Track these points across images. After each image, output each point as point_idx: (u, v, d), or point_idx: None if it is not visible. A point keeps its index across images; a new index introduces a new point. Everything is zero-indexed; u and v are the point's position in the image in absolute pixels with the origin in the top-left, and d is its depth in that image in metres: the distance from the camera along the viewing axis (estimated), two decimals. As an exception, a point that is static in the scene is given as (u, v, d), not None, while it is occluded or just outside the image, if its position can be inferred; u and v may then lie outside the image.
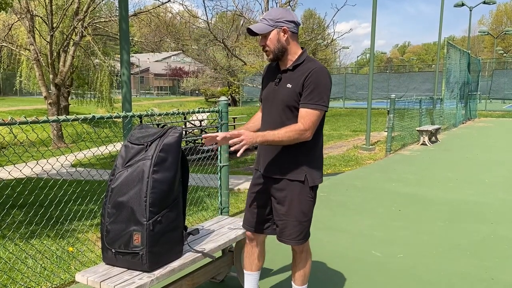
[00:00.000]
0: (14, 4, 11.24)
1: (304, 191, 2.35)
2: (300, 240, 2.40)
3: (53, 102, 14.41)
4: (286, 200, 2.36)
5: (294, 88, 2.26)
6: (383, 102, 24.23)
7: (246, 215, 2.57)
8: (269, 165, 2.39)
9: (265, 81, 2.47)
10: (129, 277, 2.19)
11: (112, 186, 2.29)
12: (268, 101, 2.39)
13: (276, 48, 2.28)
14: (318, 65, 2.26)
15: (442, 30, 16.13)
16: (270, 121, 2.36)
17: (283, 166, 2.35)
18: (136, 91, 42.09)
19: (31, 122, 2.45)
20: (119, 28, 4.13)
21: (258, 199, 2.49)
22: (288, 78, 2.30)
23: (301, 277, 2.53)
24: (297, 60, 2.30)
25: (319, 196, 2.46)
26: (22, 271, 3.38)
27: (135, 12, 16.20)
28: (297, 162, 2.33)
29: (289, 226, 2.37)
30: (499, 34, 52.82)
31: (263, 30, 2.25)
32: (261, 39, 2.30)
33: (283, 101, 2.29)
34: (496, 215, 4.87)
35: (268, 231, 2.52)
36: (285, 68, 2.33)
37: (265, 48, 2.30)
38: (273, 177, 2.39)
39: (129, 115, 3.18)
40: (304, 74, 2.24)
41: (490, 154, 9.36)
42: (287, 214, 2.37)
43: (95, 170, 6.40)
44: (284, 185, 2.36)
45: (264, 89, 2.45)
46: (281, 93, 2.31)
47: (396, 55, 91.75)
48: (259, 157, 2.47)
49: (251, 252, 2.64)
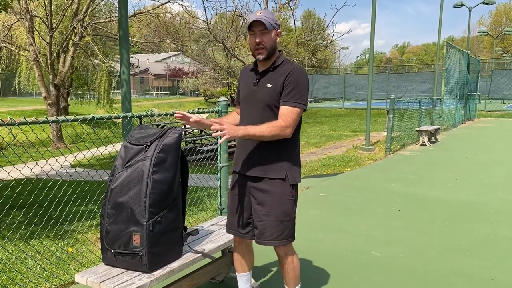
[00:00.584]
0: (14, 5, 11.24)
1: (285, 190, 2.36)
2: (281, 240, 2.37)
3: (52, 102, 14.42)
4: (267, 200, 2.35)
5: (274, 88, 2.30)
6: (382, 103, 24.23)
7: (229, 219, 2.56)
8: (249, 164, 2.39)
9: (242, 84, 2.51)
10: (128, 277, 2.19)
11: (111, 186, 2.29)
12: (247, 102, 2.41)
13: (271, 47, 2.31)
14: (297, 66, 2.35)
15: (441, 30, 16.15)
16: (249, 121, 2.36)
17: (263, 164, 2.35)
18: (136, 92, 42.08)
19: (30, 123, 2.45)
20: (119, 27, 4.13)
21: (239, 202, 2.47)
22: (268, 79, 2.34)
23: (292, 279, 2.51)
24: (276, 62, 2.36)
25: (319, 196, 2.46)
26: (22, 271, 3.37)
27: (134, 13, 16.20)
28: (277, 161, 2.35)
29: (269, 227, 2.35)
30: (499, 34, 52.87)
31: (269, 27, 2.27)
32: (259, 35, 2.28)
33: (263, 100, 2.32)
34: (496, 215, 4.87)
35: (249, 235, 2.50)
36: (264, 69, 2.37)
37: (260, 45, 2.29)
38: (253, 176, 2.38)
39: (129, 116, 3.18)
40: (284, 74, 2.30)
41: (490, 154, 9.36)
42: (268, 214, 2.35)
43: (94, 171, 6.40)
44: (265, 184, 2.36)
45: (241, 91, 2.49)
46: (260, 93, 2.34)
47: (395, 55, 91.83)
48: (238, 158, 2.47)
49: (241, 255, 2.65)
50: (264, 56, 2.31)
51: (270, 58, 2.34)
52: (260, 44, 2.29)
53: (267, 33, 2.29)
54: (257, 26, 2.27)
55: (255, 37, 2.29)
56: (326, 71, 44.19)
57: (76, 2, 14.15)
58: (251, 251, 2.69)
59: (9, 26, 15.55)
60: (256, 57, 2.34)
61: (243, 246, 2.64)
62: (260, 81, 2.36)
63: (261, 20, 2.24)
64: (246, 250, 2.65)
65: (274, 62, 2.36)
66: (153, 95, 46.26)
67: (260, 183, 2.37)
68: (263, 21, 2.24)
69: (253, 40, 2.31)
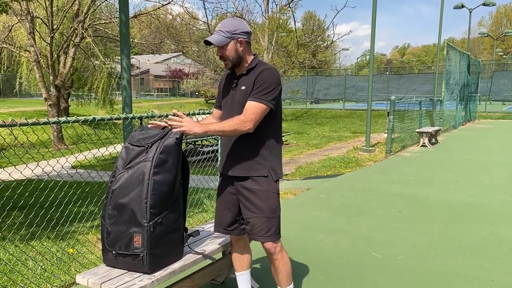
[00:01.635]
0: (15, 6, 11.25)
1: (269, 187, 2.44)
2: (269, 237, 2.44)
3: (53, 103, 14.43)
4: (253, 198, 2.43)
5: (247, 89, 2.40)
6: (383, 104, 24.22)
7: (216, 219, 2.65)
8: (232, 164, 2.47)
9: (223, 88, 2.59)
10: (129, 278, 2.19)
11: (112, 187, 2.29)
12: (227, 105, 2.51)
13: (233, 58, 2.41)
14: (268, 66, 2.44)
15: (441, 31, 16.14)
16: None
17: (246, 163, 2.43)
18: (136, 93, 42.09)
19: (31, 124, 2.46)
20: (119, 33, 4.13)
21: (226, 201, 2.56)
22: (243, 81, 2.44)
23: (284, 277, 2.55)
24: (250, 65, 2.45)
25: (319, 197, 2.46)
26: (22, 272, 3.38)
27: (135, 14, 16.20)
28: (259, 159, 2.43)
29: (258, 223, 2.43)
30: (499, 35, 52.88)
31: (221, 42, 2.37)
32: (219, 50, 2.40)
33: (240, 102, 2.41)
34: (496, 216, 4.87)
35: (236, 231, 2.59)
36: (240, 74, 2.47)
37: (223, 58, 2.41)
38: (238, 176, 2.46)
39: (129, 117, 3.18)
40: (254, 75, 2.40)
41: (490, 155, 9.36)
42: (255, 211, 2.43)
43: (95, 172, 6.41)
44: (250, 182, 2.44)
45: (222, 95, 2.57)
46: (237, 95, 2.44)
47: (395, 56, 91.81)
48: (221, 159, 2.56)
49: (239, 253, 2.72)
50: (229, 66, 2.45)
51: (239, 65, 2.45)
52: (222, 57, 2.42)
53: (223, 47, 2.39)
54: (211, 44, 2.38)
55: (217, 51, 2.43)
56: (327, 72, 44.22)
57: (77, 3, 14.17)
58: (248, 249, 2.75)
59: (10, 27, 15.57)
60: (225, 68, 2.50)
61: (240, 244, 2.71)
62: (238, 84, 2.47)
63: (208, 41, 2.37)
64: (243, 248, 2.72)
65: (249, 64, 2.46)
66: (154, 96, 46.27)
67: (245, 182, 2.45)
68: (210, 41, 2.36)
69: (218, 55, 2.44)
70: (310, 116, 24.65)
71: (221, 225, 2.61)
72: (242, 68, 2.47)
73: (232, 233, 2.61)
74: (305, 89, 31.74)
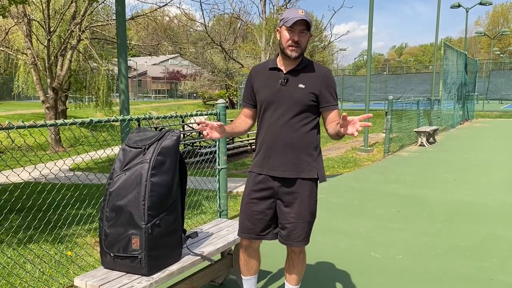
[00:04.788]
0: (11, 9, 11.23)
1: (313, 191, 2.39)
2: (306, 241, 2.40)
3: (50, 106, 14.39)
4: (296, 202, 2.34)
5: (308, 88, 2.30)
6: (380, 104, 24.26)
7: (245, 223, 2.45)
8: (283, 165, 2.33)
9: (259, 83, 2.41)
10: (128, 281, 2.18)
11: (110, 189, 2.28)
12: (275, 102, 2.33)
13: (304, 48, 2.30)
14: (324, 66, 2.42)
15: (439, 31, 16.20)
16: (282, 122, 2.33)
17: (297, 164, 2.32)
18: (134, 95, 42.08)
19: (28, 127, 2.45)
20: (117, 36, 4.12)
21: (260, 205, 2.40)
22: (299, 79, 2.32)
23: (298, 277, 2.55)
24: (303, 61, 2.34)
25: (318, 198, 2.46)
26: (21, 276, 3.37)
27: (132, 16, 16.19)
28: (310, 160, 2.35)
29: (298, 228, 2.35)
30: (496, 35, 53.03)
31: (310, 29, 2.27)
32: (298, 34, 2.24)
33: (297, 101, 2.29)
34: (495, 216, 4.87)
35: (269, 236, 2.45)
36: (291, 69, 2.33)
37: (297, 44, 2.25)
38: (285, 178, 2.33)
39: (127, 119, 3.18)
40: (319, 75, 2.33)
41: (488, 154, 9.38)
42: (297, 216, 2.34)
43: (93, 174, 6.39)
44: (296, 185, 2.33)
45: (262, 92, 2.38)
46: (294, 93, 2.30)
47: (393, 56, 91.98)
48: (268, 158, 2.36)
49: (248, 259, 2.58)
50: (297, 55, 2.27)
51: (297, 59, 2.32)
52: (298, 43, 2.25)
53: (305, 34, 2.26)
54: (299, 25, 2.22)
55: (294, 35, 2.24)
56: (324, 72, 44.15)
57: (74, 5, 14.14)
58: (258, 254, 2.63)
59: (7, 30, 15.53)
60: (288, 55, 2.27)
61: (253, 249, 2.56)
62: (289, 80, 2.31)
63: (306, 20, 2.20)
64: (255, 253, 2.59)
65: (301, 61, 2.34)
66: (152, 98, 46.26)
67: (289, 185, 2.33)
68: (308, 22, 2.21)
69: (290, 37, 2.24)
70: (308, 116, 24.61)
71: (253, 231, 2.43)
72: (293, 63, 2.33)
73: (265, 238, 2.45)
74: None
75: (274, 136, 2.33)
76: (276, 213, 2.41)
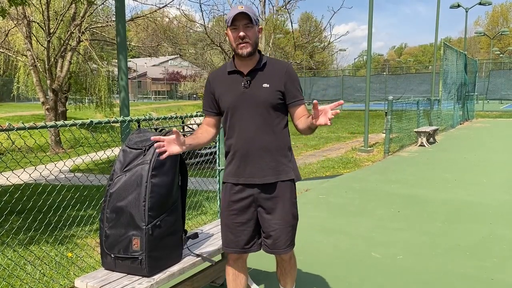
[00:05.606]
0: (11, 10, 11.24)
1: (293, 192, 2.31)
2: (292, 246, 2.33)
3: (50, 107, 14.40)
4: (278, 206, 2.24)
5: (273, 86, 2.20)
6: (380, 104, 24.27)
7: (228, 237, 2.32)
8: (261, 170, 2.22)
9: (221, 89, 2.26)
10: (128, 282, 2.18)
11: (110, 191, 2.29)
12: (241, 107, 2.20)
13: (255, 43, 2.17)
14: (287, 62, 2.33)
15: (438, 31, 16.21)
16: (250, 125, 2.20)
17: (276, 167, 2.23)
18: (134, 96, 42.10)
19: (29, 128, 2.45)
20: (116, 34, 4.13)
21: (242, 215, 2.27)
22: (260, 78, 2.21)
23: (292, 279, 2.50)
24: (262, 59, 2.24)
25: (318, 198, 2.46)
26: (21, 277, 3.37)
27: (132, 17, 16.20)
28: (286, 160, 2.28)
29: (283, 235, 2.25)
30: (495, 35, 53.05)
31: (253, 21, 2.13)
32: (243, 29, 2.12)
33: (264, 102, 2.18)
34: (495, 215, 4.87)
35: (254, 248, 2.33)
36: (251, 69, 2.21)
37: (245, 39, 2.12)
38: (262, 184, 2.23)
39: (127, 120, 3.18)
40: (280, 71, 2.23)
41: (488, 154, 9.38)
42: (281, 221, 2.25)
43: (93, 175, 6.38)
44: (277, 189, 2.24)
45: (225, 97, 2.24)
46: (259, 94, 2.18)
47: (393, 56, 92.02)
48: (244, 166, 2.23)
49: (237, 274, 2.43)
50: (250, 51, 2.14)
51: (253, 56, 2.19)
52: (245, 38, 2.12)
53: (251, 28, 2.14)
54: (240, 20, 2.11)
55: (239, 32, 2.12)
56: (324, 73, 44.30)
57: (73, 7, 14.15)
58: (246, 268, 2.49)
59: (7, 31, 15.54)
60: (239, 53, 2.14)
61: (240, 262, 2.43)
62: (252, 81, 2.19)
63: (246, 13, 2.09)
64: (242, 266, 2.44)
65: (259, 59, 2.23)
66: (151, 99, 46.27)
67: (269, 189, 2.23)
68: (248, 14, 2.09)
69: (236, 35, 2.12)
70: (308, 117, 24.63)
71: (237, 245, 2.30)
72: (251, 62, 2.21)
73: (250, 250, 2.33)
74: (303, 90, 31.67)
75: (246, 141, 2.20)
76: (258, 222, 2.30)
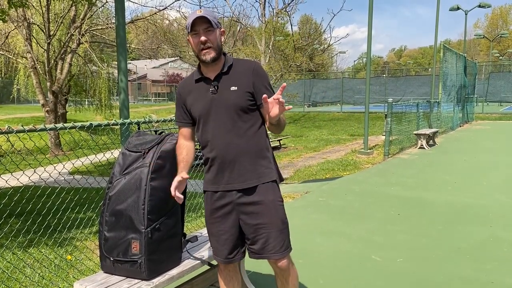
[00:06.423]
0: (11, 12, 11.25)
1: (277, 195, 2.22)
2: (284, 251, 2.21)
3: (50, 109, 14.40)
4: (261, 211, 2.16)
5: (242, 88, 2.14)
6: (380, 106, 24.28)
7: (214, 245, 2.29)
8: (240, 175, 2.16)
9: (191, 98, 2.21)
10: (127, 285, 2.18)
11: (110, 194, 2.28)
12: (211, 113, 2.15)
13: (218, 47, 2.11)
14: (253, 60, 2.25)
15: (438, 33, 16.23)
16: (221, 131, 2.15)
17: (255, 170, 2.17)
18: (134, 98, 42.11)
19: (28, 131, 2.45)
20: (116, 35, 4.13)
21: (225, 223, 2.22)
22: (227, 81, 2.15)
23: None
24: (227, 62, 2.17)
25: (318, 201, 2.46)
26: (20, 280, 3.36)
27: (132, 19, 16.23)
28: (266, 162, 2.22)
29: (271, 239, 2.17)
30: (495, 37, 53.11)
31: (214, 25, 2.07)
32: (205, 33, 2.06)
33: (236, 104, 2.12)
34: (495, 218, 4.86)
35: (238, 257, 2.29)
36: (218, 74, 2.16)
37: (207, 44, 2.07)
38: (242, 189, 2.17)
39: (127, 122, 3.17)
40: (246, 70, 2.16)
41: (488, 156, 9.37)
42: (267, 226, 2.17)
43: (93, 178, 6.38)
44: (258, 193, 2.17)
45: (195, 106, 2.19)
46: (228, 98, 2.13)
47: (392, 59, 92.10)
48: (222, 173, 2.17)
49: (228, 279, 2.39)
50: (214, 56, 2.08)
51: (218, 60, 2.13)
52: (207, 43, 2.07)
53: (212, 31, 2.08)
54: (200, 24, 2.06)
55: (199, 37, 2.06)
56: (324, 75, 44.32)
57: (73, 9, 14.17)
58: (238, 273, 2.46)
59: (7, 33, 15.56)
60: (203, 60, 2.09)
61: (230, 269, 2.38)
62: (220, 86, 2.14)
63: (205, 17, 2.04)
64: (233, 272, 2.40)
65: (225, 62, 2.17)
66: (151, 101, 46.29)
67: (250, 193, 2.17)
68: (208, 18, 2.04)
69: (197, 40, 2.07)
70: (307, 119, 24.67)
71: (221, 255, 2.26)
72: (216, 67, 2.15)
73: (233, 260, 2.27)
74: (303, 92, 31.80)
75: (221, 148, 2.15)
76: (241, 230, 2.23)
